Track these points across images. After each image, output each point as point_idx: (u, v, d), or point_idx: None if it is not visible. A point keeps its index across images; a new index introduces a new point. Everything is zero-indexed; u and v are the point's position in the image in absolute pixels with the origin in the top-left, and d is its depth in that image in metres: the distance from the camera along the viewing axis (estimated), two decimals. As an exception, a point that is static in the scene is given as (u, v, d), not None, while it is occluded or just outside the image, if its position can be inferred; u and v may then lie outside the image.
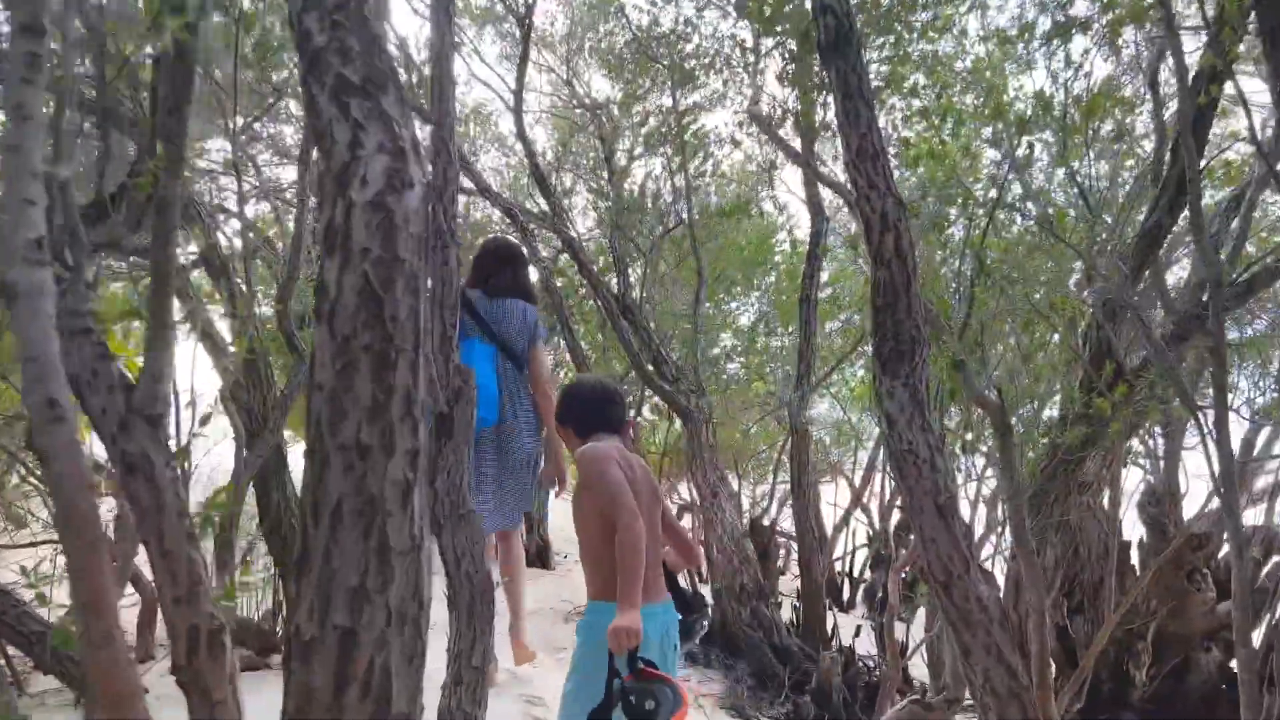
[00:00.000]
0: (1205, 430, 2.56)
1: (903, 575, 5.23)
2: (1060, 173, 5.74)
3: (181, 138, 1.39)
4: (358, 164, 1.13)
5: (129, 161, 2.24)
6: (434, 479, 2.65)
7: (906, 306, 2.44)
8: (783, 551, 9.95)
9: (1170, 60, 5.25)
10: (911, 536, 7.89)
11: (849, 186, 2.80)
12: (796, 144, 5.31)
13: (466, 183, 7.32)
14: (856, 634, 6.28)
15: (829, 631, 5.93)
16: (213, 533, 2.03)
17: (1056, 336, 4.26)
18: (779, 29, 4.41)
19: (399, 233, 1.11)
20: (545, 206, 6.53)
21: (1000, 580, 4.52)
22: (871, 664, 5.56)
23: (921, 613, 7.05)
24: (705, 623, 2.80)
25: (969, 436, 3.83)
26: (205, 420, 2.02)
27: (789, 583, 8.89)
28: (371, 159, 1.13)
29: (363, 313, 1.07)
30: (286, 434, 6.27)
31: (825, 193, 6.45)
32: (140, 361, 1.41)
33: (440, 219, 2.93)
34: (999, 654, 2.18)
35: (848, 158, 2.65)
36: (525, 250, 6.16)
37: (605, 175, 6.96)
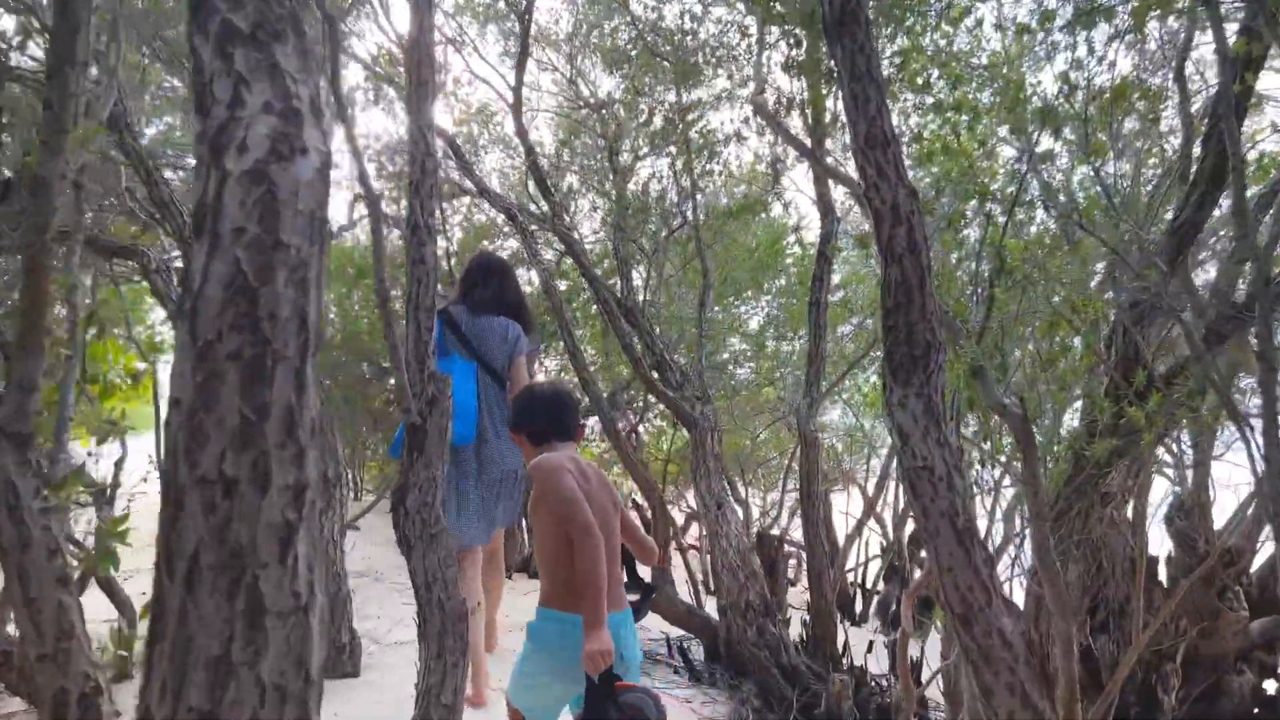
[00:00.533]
0: (1251, 441, 2.32)
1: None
2: (1080, 171, 5.50)
3: (64, 105, 1.18)
4: (235, 126, 0.91)
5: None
6: (405, 496, 2.44)
7: (921, 307, 2.21)
8: (793, 562, 9.71)
9: (1194, 55, 5.00)
10: (925, 554, 7.63)
11: (857, 178, 2.57)
12: (804, 140, 5.08)
13: (467, 184, 7.13)
14: (869, 650, 6.03)
15: (840, 648, 5.69)
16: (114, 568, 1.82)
17: (1078, 341, 4.03)
18: (783, 18, 4.19)
19: (283, 210, 0.88)
20: (546, 208, 6.33)
21: (1019, 595, 4.28)
22: (885, 684, 5.31)
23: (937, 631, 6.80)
24: (645, 609, 2.85)
25: (986, 445, 3.59)
26: (103, 440, 1.81)
27: (799, 594, 8.65)
28: (254, 120, 0.91)
29: (231, 310, 0.85)
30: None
31: (836, 192, 6.22)
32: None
33: (417, 214, 2.72)
34: (1024, 695, 1.95)
35: (855, 145, 2.42)
36: (519, 259, 5.95)
37: (609, 175, 6.75)
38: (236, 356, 0.84)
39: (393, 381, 8.07)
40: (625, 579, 2.81)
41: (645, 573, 3.38)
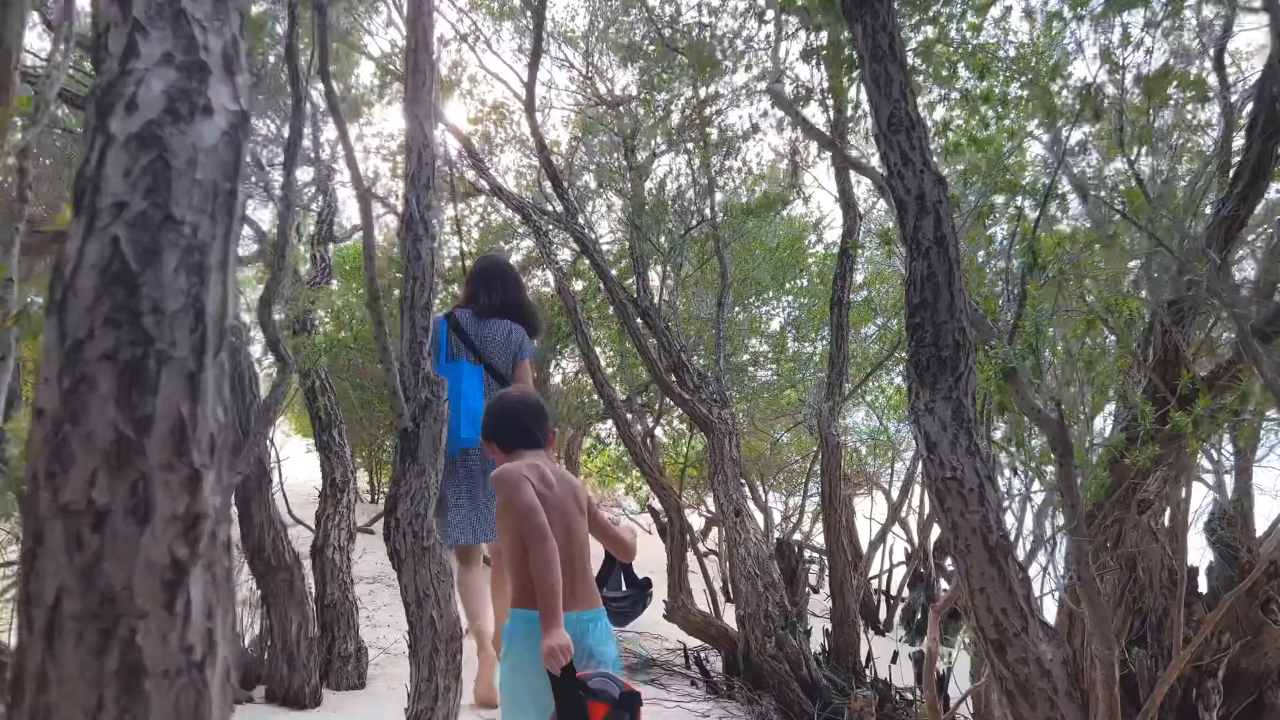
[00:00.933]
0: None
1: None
2: (1112, 166, 5.30)
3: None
4: (125, 81, 0.76)
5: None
6: (396, 506, 2.30)
7: (949, 304, 2.03)
8: (815, 567, 9.51)
9: (1232, 44, 4.78)
10: (949, 563, 7.38)
11: (880, 166, 2.40)
12: (824, 131, 4.89)
13: (482, 183, 7.00)
14: (894, 661, 5.84)
15: (863, 659, 5.50)
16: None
17: (1111, 340, 3.84)
18: (804, 9, 4.02)
19: (177, 179, 0.73)
20: (561, 207, 6.18)
21: (1049, 607, 4.07)
22: (910, 697, 5.12)
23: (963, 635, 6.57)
24: (641, 606, 2.91)
25: (1013, 449, 3.39)
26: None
27: (821, 602, 8.45)
28: (148, 75, 0.76)
29: (105, 301, 0.69)
30: (273, 445, 5.97)
31: (859, 189, 6.04)
32: None
33: (413, 208, 2.59)
34: (1065, 730, 1.77)
35: (877, 129, 2.25)
36: (533, 259, 5.81)
37: (626, 172, 6.60)
38: (111, 357, 0.69)
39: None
40: (624, 581, 2.93)
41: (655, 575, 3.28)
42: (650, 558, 6.37)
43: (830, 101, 4.25)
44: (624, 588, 2.96)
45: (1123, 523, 3.75)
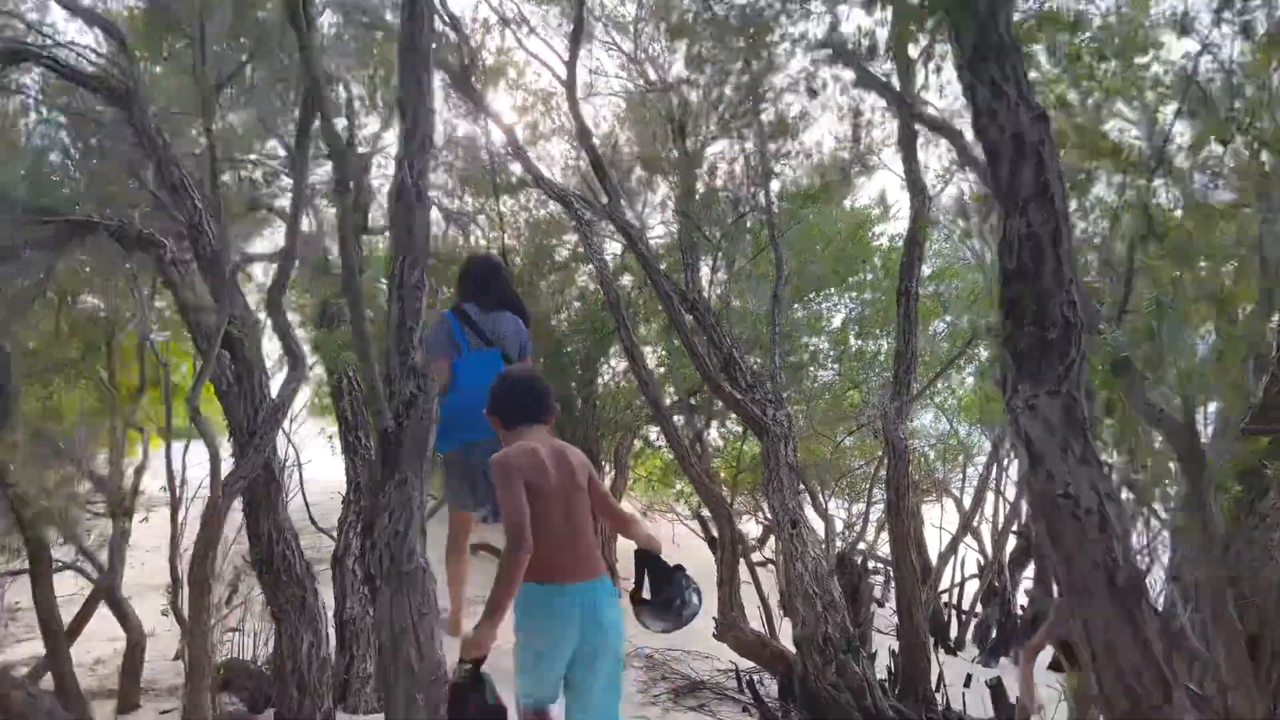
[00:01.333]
0: None
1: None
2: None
3: None
4: None
5: None
6: (373, 525, 1.91)
7: (1055, 270, 1.58)
8: (880, 579, 8.98)
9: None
10: (1032, 575, 6.76)
11: (965, 109, 1.96)
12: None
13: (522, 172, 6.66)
14: (967, 684, 5.34)
15: (933, 684, 5.01)
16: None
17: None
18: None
19: None
20: (605, 196, 5.80)
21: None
22: (986, 730, 4.62)
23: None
24: (694, 601, 2.73)
25: (1122, 460, 2.90)
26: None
27: (887, 617, 7.92)
28: None
29: None
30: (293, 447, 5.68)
31: (928, 177, 5.56)
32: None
33: (405, 173, 2.21)
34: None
35: (961, 59, 1.80)
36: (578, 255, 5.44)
37: (675, 156, 6.19)
38: None
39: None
40: (653, 574, 2.81)
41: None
42: (700, 569, 5.95)
43: (894, 62, 3.79)
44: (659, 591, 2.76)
45: (1236, 539, 3.24)
